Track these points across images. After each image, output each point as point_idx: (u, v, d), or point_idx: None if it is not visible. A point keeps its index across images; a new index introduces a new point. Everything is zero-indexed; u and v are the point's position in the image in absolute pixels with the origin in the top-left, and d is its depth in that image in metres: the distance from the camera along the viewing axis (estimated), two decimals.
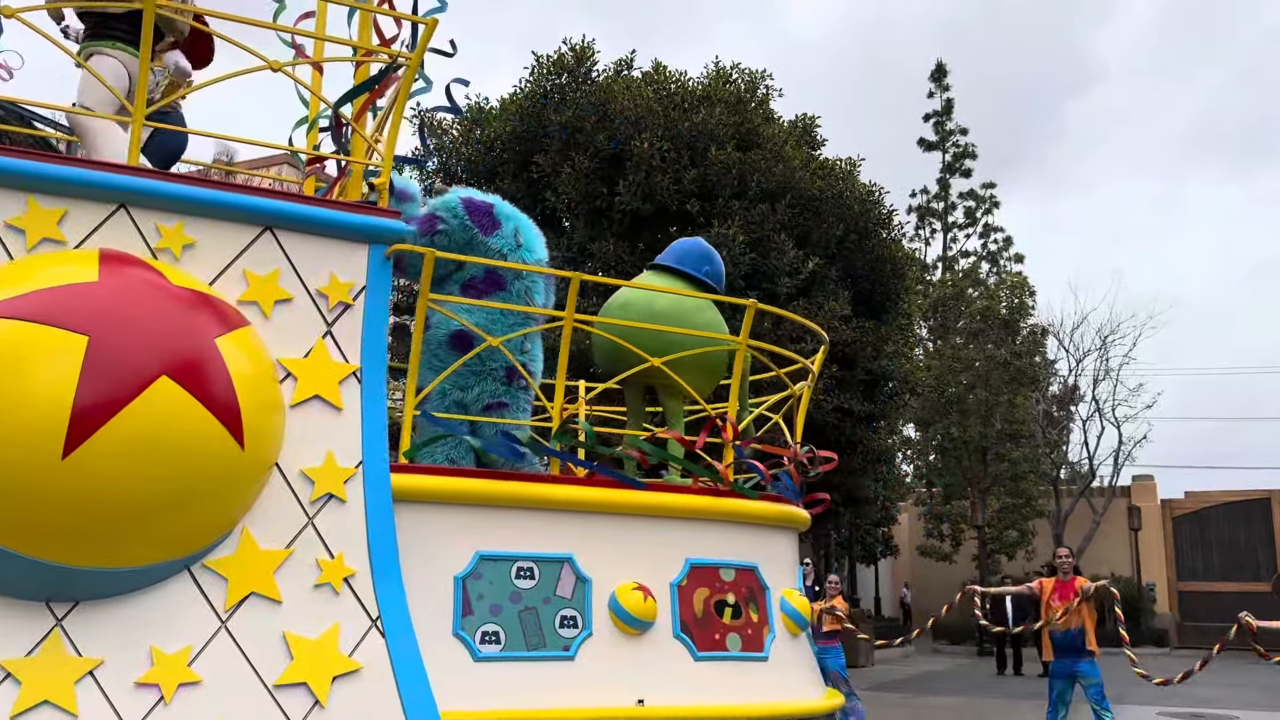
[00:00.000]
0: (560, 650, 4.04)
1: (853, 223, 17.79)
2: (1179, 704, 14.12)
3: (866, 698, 15.50)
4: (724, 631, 4.35)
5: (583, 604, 4.13)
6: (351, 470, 3.91)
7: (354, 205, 4.33)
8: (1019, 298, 28.24)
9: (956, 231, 42.19)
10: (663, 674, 4.15)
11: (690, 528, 4.45)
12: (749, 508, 4.67)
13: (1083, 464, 30.79)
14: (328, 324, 4.06)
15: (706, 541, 4.46)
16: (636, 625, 4.12)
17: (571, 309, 4.42)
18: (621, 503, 4.34)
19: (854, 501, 21.49)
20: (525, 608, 4.04)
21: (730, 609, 4.39)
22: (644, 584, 4.17)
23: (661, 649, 4.20)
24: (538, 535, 4.17)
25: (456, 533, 4.07)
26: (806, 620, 4.66)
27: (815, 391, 16.50)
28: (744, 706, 4.24)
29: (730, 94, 17.14)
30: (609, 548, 4.25)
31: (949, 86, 42.06)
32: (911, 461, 30.84)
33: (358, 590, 3.79)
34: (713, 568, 4.45)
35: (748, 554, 4.59)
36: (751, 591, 4.52)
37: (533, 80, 17.25)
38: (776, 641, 4.55)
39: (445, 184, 18.12)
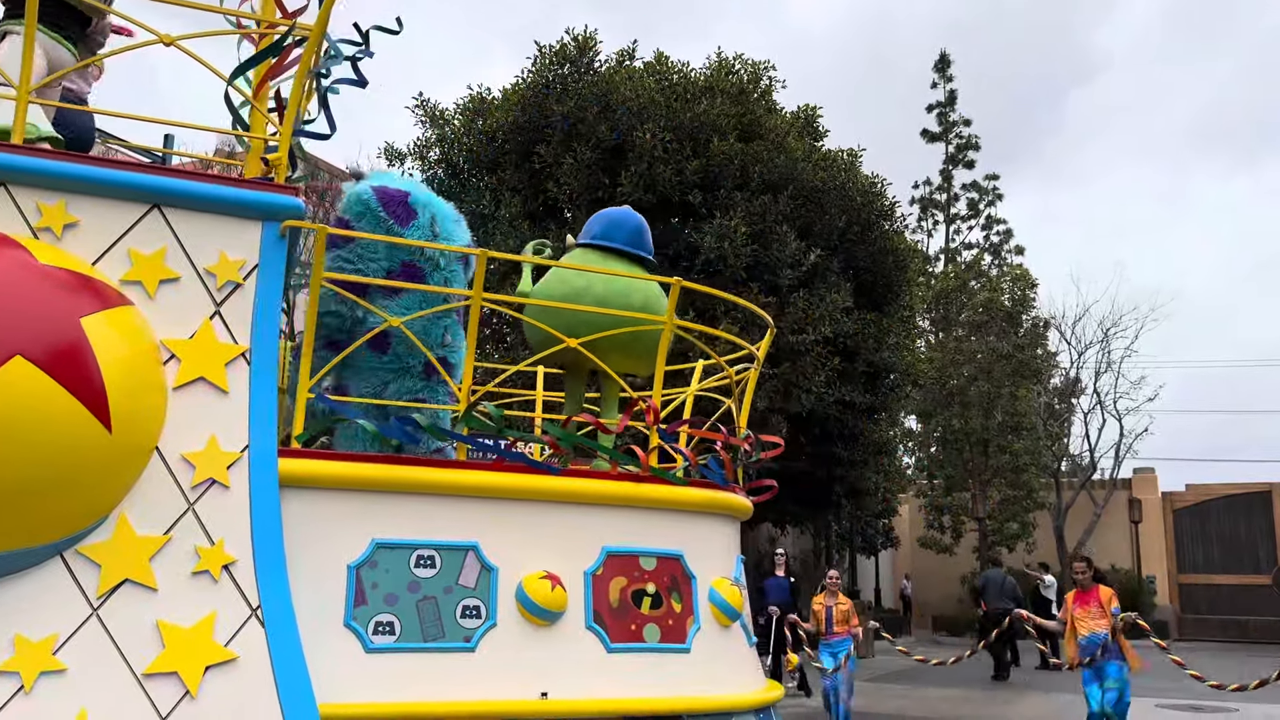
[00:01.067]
0: (460, 642, 3.86)
1: (855, 214, 17.66)
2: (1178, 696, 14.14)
3: (867, 689, 15.48)
4: (641, 622, 4.16)
5: (487, 593, 3.95)
6: (236, 455, 3.75)
7: (245, 181, 4.15)
8: (1021, 290, 28.08)
9: (959, 223, 42.08)
10: (572, 666, 3.98)
11: (608, 514, 4.27)
12: (672, 494, 4.44)
13: (1084, 456, 30.70)
14: (216, 304, 3.91)
15: (626, 528, 4.28)
16: (544, 615, 3.94)
17: (479, 288, 4.19)
18: (532, 488, 4.12)
19: (855, 493, 21.45)
20: (424, 597, 3.86)
21: (650, 599, 4.21)
22: (554, 573, 3.99)
23: (571, 640, 4.02)
24: (440, 522, 3.99)
25: (351, 520, 3.90)
26: (738, 611, 4.46)
27: (816, 384, 16.64)
28: (659, 700, 4.04)
29: (732, 85, 17.02)
30: (519, 535, 4.07)
31: (952, 77, 41.82)
32: (913, 453, 30.76)
33: (238, 578, 3.64)
34: (632, 556, 4.25)
35: (672, 541, 4.40)
36: (675, 581, 4.33)
37: (535, 71, 17.13)
38: (702, 633, 4.35)
39: (449, 175, 18.11)
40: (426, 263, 4.85)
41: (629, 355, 4.86)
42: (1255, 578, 29.01)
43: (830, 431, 18.44)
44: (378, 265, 4.76)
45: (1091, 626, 9.03)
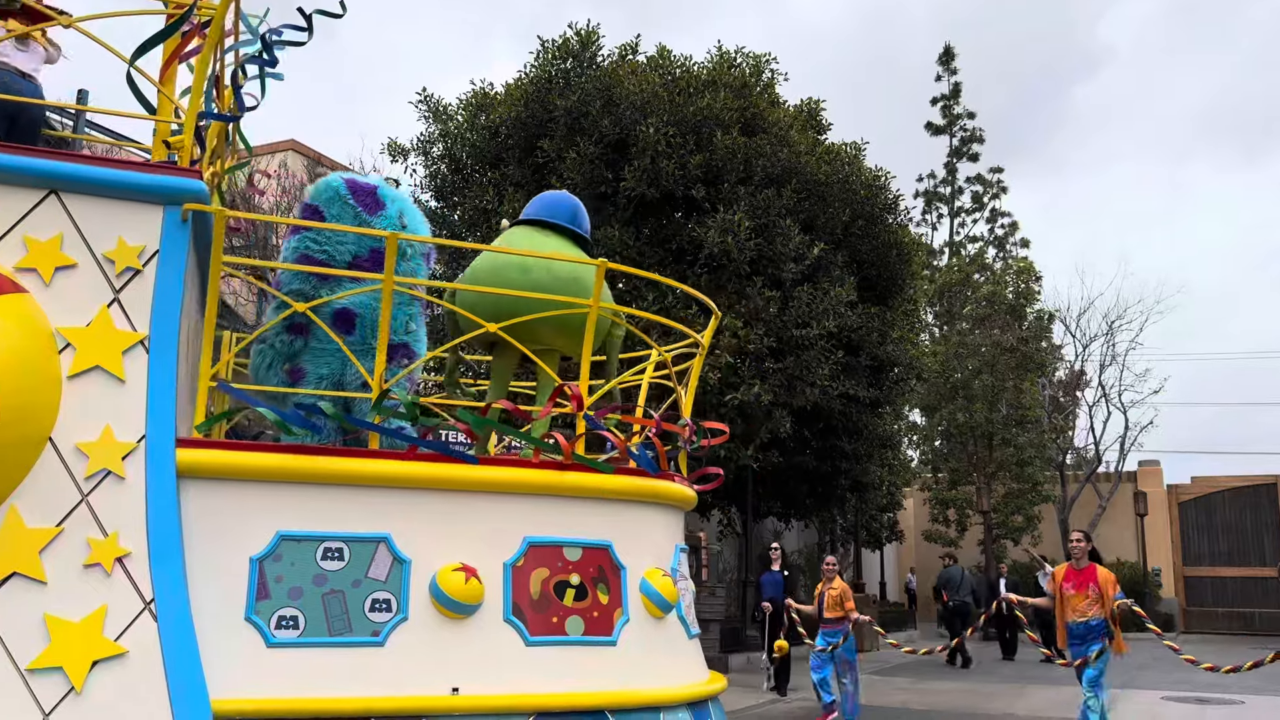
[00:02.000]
0: (369, 636, 3.72)
1: (859, 208, 17.51)
2: (1184, 689, 14.11)
3: (868, 682, 15.41)
4: (564, 615, 4.02)
5: (399, 587, 3.81)
6: (132, 445, 3.63)
7: (145, 165, 4.02)
8: (1025, 283, 28.02)
9: (964, 216, 42.01)
10: (487, 661, 3.83)
11: (530, 504, 4.10)
12: (599, 482, 4.26)
13: (1089, 449, 30.68)
14: (114, 291, 3.79)
15: (549, 518, 4.12)
16: (458, 609, 3.79)
17: (390, 272, 4.04)
18: (448, 478, 3.97)
19: (859, 487, 21.38)
20: (331, 590, 3.73)
21: (573, 590, 4.05)
22: (470, 565, 3.84)
23: (488, 634, 3.87)
24: (350, 514, 3.85)
25: (255, 511, 3.76)
26: (670, 603, 4.30)
27: (820, 378, 16.61)
28: (580, 694, 3.88)
29: (735, 78, 16.91)
30: (435, 527, 3.93)
31: (956, 70, 41.63)
32: (917, 447, 30.72)
33: (131, 571, 3.52)
34: (555, 546, 4.10)
35: (599, 531, 4.24)
36: (602, 572, 4.16)
37: (538, 65, 17.05)
38: (631, 625, 4.18)
39: (452, 171, 18.09)
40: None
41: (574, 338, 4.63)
42: (1260, 570, 28.92)
43: (834, 425, 18.38)
44: (346, 249, 4.71)
45: (1085, 612, 8.54)
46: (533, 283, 4.67)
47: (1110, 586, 8.52)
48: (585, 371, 4.44)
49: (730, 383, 14.92)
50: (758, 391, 14.86)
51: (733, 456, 15.78)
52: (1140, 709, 12.38)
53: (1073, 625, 8.59)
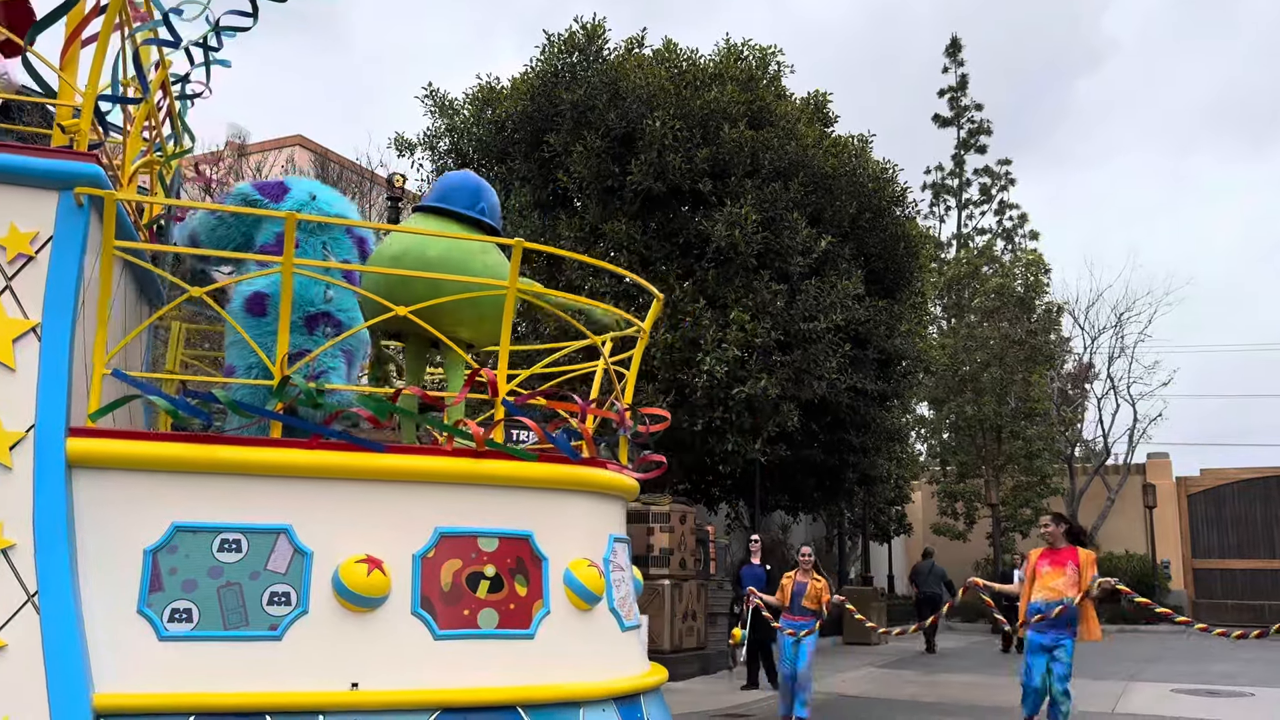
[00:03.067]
0: (266, 630, 3.62)
1: (866, 201, 17.53)
2: (1194, 681, 14.10)
3: (878, 675, 15.48)
4: (476, 607, 3.89)
5: (299, 579, 3.70)
6: (20, 434, 3.56)
7: (36, 149, 3.93)
8: (1034, 275, 27.94)
9: (972, 208, 41.90)
10: (391, 655, 3.74)
11: (442, 493, 3.99)
12: (518, 470, 4.12)
13: (1097, 442, 30.59)
14: (6, 278, 3.71)
15: (463, 508, 3.99)
16: (360, 602, 3.70)
17: (290, 253, 3.94)
18: (353, 467, 3.86)
19: (867, 480, 21.41)
20: (227, 583, 3.63)
21: (488, 582, 3.93)
22: (376, 556, 3.73)
23: (393, 628, 3.77)
24: (250, 504, 3.74)
25: (149, 502, 3.67)
26: (596, 595, 4.17)
27: (828, 371, 16.61)
28: (490, 689, 3.76)
29: (742, 71, 16.90)
30: (341, 517, 3.81)
31: (964, 62, 41.47)
32: (925, 440, 30.73)
33: (15, 563, 3.45)
34: (469, 537, 3.96)
35: (520, 521, 4.09)
36: (521, 563, 4.03)
37: (544, 59, 17.09)
38: (551, 618, 4.04)
39: (458, 165, 18.10)
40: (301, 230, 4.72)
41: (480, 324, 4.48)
42: (1270, 562, 28.87)
43: (842, 419, 18.39)
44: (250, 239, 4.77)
45: (1059, 591, 8.00)
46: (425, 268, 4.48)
47: (1090, 567, 8.01)
48: (504, 356, 4.26)
49: (738, 376, 14.93)
50: (765, 385, 14.87)
51: (740, 450, 15.80)
52: (1150, 701, 12.37)
53: (1039, 603, 8.10)
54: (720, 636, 15.52)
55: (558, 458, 4.33)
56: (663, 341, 14.93)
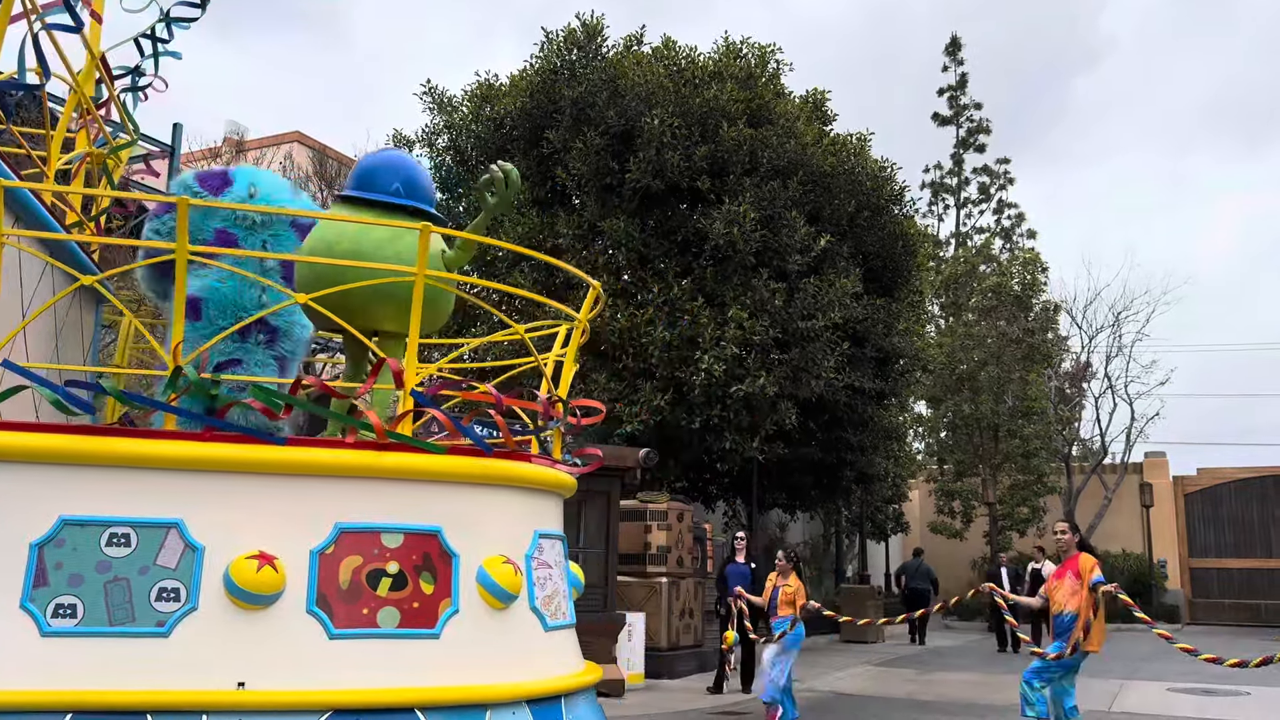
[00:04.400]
0: (153, 627, 3.52)
1: (864, 199, 17.54)
2: (1190, 680, 14.12)
3: (874, 673, 15.48)
4: (376, 605, 3.76)
5: (190, 575, 3.59)
6: None
7: None
8: (1031, 274, 28.01)
9: (970, 207, 41.93)
10: (282, 654, 3.61)
11: (344, 487, 3.85)
12: (425, 463, 3.97)
13: (1095, 441, 30.66)
14: None
15: (365, 502, 3.85)
16: (250, 599, 3.57)
17: (183, 241, 3.80)
18: (249, 460, 3.74)
19: (865, 478, 21.42)
20: (114, 578, 3.53)
21: (390, 579, 3.79)
22: (270, 552, 3.63)
23: (286, 626, 3.64)
24: (141, 498, 3.64)
25: (36, 495, 3.56)
26: (511, 593, 4.02)
27: (825, 370, 16.61)
28: (387, 690, 3.65)
29: (741, 69, 16.90)
30: (235, 512, 3.69)
31: (963, 60, 41.51)
32: (923, 439, 30.75)
33: None
34: (371, 533, 3.82)
35: (426, 516, 3.96)
36: (428, 559, 3.90)
37: (543, 56, 17.09)
38: (460, 617, 3.91)
39: (457, 162, 18.10)
40: (239, 228, 4.65)
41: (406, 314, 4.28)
42: (1266, 561, 28.93)
43: (840, 417, 18.41)
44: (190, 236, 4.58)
45: (1062, 604, 7.87)
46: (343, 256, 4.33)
47: (1088, 572, 7.79)
48: (413, 346, 4.12)
49: (736, 374, 14.95)
50: (763, 383, 14.89)
51: (738, 448, 15.82)
52: (1145, 700, 12.40)
53: (1056, 618, 8.04)
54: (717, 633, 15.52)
55: (473, 450, 4.15)
56: (661, 339, 14.93)
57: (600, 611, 11.75)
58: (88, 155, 5.23)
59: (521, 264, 16.20)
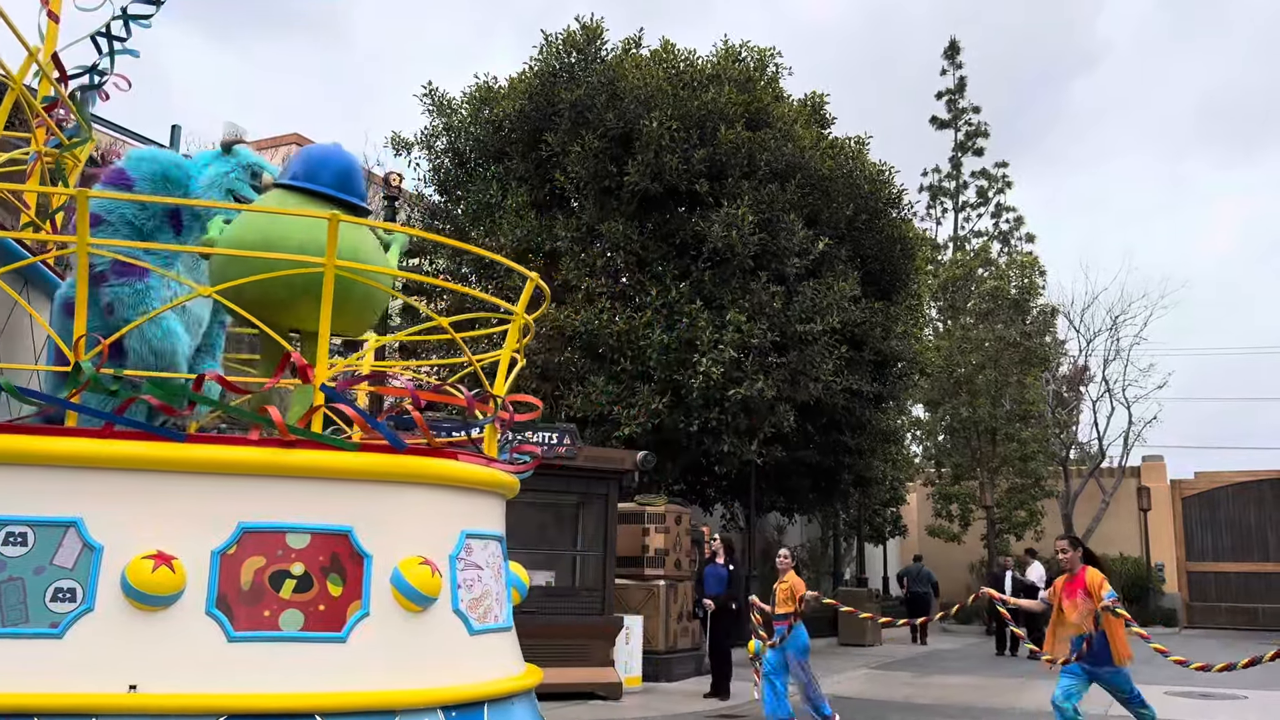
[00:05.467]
0: (46, 628, 3.44)
1: (863, 202, 17.54)
2: (1188, 684, 14.12)
3: (873, 676, 15.51)
4: (279, 608, 3.65)
5: (87, 575, 3.51)
6: None
7: None
8: (1029, 278, 28.02)
9: (969, 210, 41.98)
10: (179, 657, 3.52)
11: (248, 485, 3.75)
12: (332, 461, 3.86)
13: (1092, 444, 30.64)
14: None
15: (271, 502, 3.75)
16: (146, 600, 3.50)
17: (84, 235, 3.75)
18: (150, 458, 3.65)
19: (863, 482, 21.42)
20: (9, 578, 3.46)
21: (294, 581, 3.68)
22: (170, 552, 3.52)
23: (184, 628, 3.55)
24: (38, 496, 3.55)
25: None
26: (427, 596, 3.88)
27: (824, 373, 16.60)
28: (286, 695, 3.54)
29: (739, 72, 16.90)
30: (136, 511, 3.61)
31: (962, 64, 41.56)
32: (920, 442, 30.79)
33: None
34: (276, 532, 3.71)
35: (336, 515, 3.84)
36: (336, 560, 3.78)
37: (542, 59, 17.10)
38: (370, 621, 3.79)
39: (455, 165, 18.09)
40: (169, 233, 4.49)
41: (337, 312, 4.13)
42: (1264, 565, 28.95)
43: (838, 420, 18.40)
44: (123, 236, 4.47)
45: (1076, 626, 7.71)
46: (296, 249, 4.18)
47: (1098, 589, 7.56)
48: (324, 339, 3.98)
49: (734, 377, 14.94)
50: (761, 386, 14.88)
51: (736, 451, 15.81)
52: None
53: (1073, 640, 7.81)
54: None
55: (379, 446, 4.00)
56: (659, 342, 14.93)
57: (598, 614, 11.73)
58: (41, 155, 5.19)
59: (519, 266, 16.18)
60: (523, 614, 12.04)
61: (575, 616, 11.57)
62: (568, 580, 12.49)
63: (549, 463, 11.55)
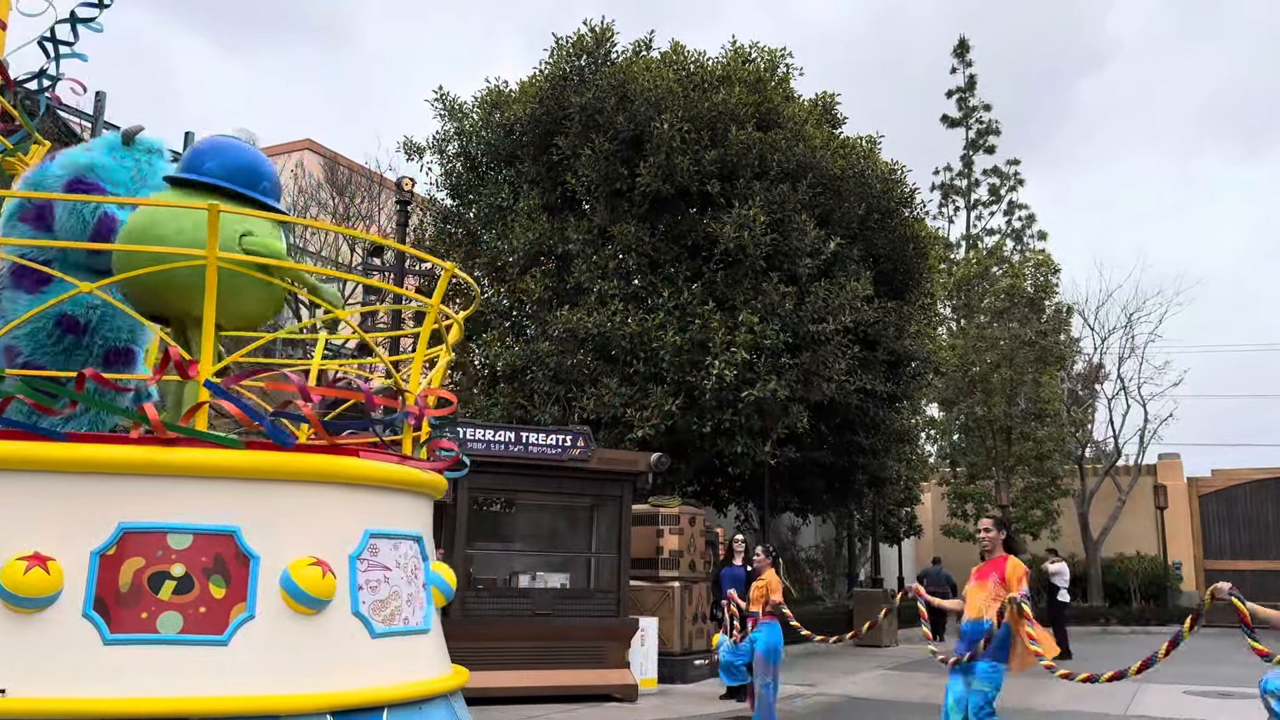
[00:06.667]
0: None
1: (874, 202, 17.53)
2: (1204, 683, 14.04)
3: (889, 677, 15.47)
4: (157, 610, 3.57)
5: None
6: None
7: None
8: (1043, 276, 27.94)
9: (981, 209, 41.84)
10: (52, 661, 3.44)
11: (129, 485, 3.68)
12: (216, 459, 3.76)
13: (1108, 443, 30.53)
14: None
15: (151, 501, 3.67)
16: (20, 603, 3.44)
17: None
18: (19, 457, 3.58)
19: (877, 482, 21.38)
20: None
21: (174, 582, 3.60)
22: (47, 553, 3.46)
23: (60, 630, 3.48)
24: None
25: None
26: (318, 598, 3.78)
27: (837, 373, 16.57)
28: (159, 700, 3.46)
29: (750, 73, 16.91)
30: (12, 512, 3.54)
31: (971, 62, 41.45)
32: (935, 441, 30.71)
33: None
34: (157, 533, 3.63)
35: (221, 516, 3.75)
36: (220, 561, 3.70)
37: (552, 62, 17.14)
38: (255, 623, 3.70)
39: (467, 169, 18.13)
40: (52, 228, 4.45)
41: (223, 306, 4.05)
42: None
43: (852, 420, 18.38)
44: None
45: (980, 610, 6.98)
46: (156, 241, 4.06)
47: (1016, 582, 6.90)
48: (208, 333, 3.91)
49: (747, 378, 14.94)
50: (774, 387, 14.88)
51: (749, 452, 15.81)
52: (1162, 702, 12.35)
53: (965, 626, 7.08)
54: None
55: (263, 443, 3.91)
56: (671, 344, 14.94)
57: (613, 616, 11.74)
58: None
59: (533, 268, 16.23)
60: (538, 617, 12.12)
61: (590, 619, 11.59)
62: (582, 583, 12.51)
63: (563, 465, 11.59)
